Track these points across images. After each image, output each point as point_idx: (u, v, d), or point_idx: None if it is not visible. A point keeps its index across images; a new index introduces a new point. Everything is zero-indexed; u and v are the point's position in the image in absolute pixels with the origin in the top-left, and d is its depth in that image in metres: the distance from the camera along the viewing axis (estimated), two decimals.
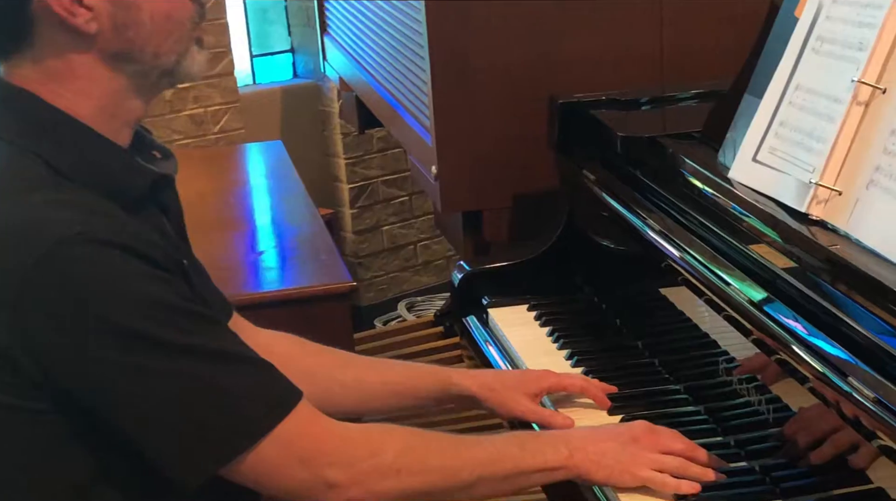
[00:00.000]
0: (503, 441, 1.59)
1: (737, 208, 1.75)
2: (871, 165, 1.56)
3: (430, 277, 5.09)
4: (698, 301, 1.94)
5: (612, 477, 1.57)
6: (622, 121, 2.21)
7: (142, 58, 1.46)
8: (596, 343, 2.07)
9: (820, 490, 1.54)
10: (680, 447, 1.61)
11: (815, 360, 1.43)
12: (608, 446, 1.58)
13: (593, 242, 2.30)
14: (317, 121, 4.85)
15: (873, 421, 1.32)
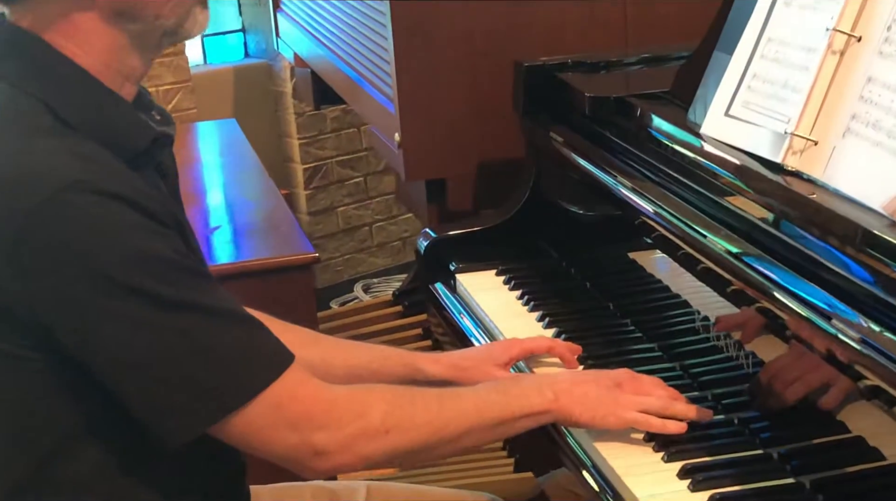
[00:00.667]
0: (487, 389, 1.59)
1: (711, 162, 1.75)
2: (848, 114, 1.56)
3: (385, 258, 5.06)
4: (668, 263, 1.95)
5: (596, 419, 1.58)
6: (589, 83, 2.20)
7: (143, 17, 1.44)
8: (567, 305, 2.06)
9: (799, 439, 1.53)
10: (662, 392, 1.62)
11: (799, 305, 1.43)
12: (592, 388, 1.59)
13: (560, 207, 2.28)
14: (269, 101, 4.81)
15: (861, 362, 1.31)
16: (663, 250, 1.87)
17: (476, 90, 2.51)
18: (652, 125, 1.95)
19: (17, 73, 1.41)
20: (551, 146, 2.19)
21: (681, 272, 1.89)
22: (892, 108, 1.49)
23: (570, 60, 2.30)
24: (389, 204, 5.00)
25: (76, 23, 1.41)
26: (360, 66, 2.88)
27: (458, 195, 2.59)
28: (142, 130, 1.46)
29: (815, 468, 1.47)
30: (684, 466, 1.51)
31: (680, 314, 1.87)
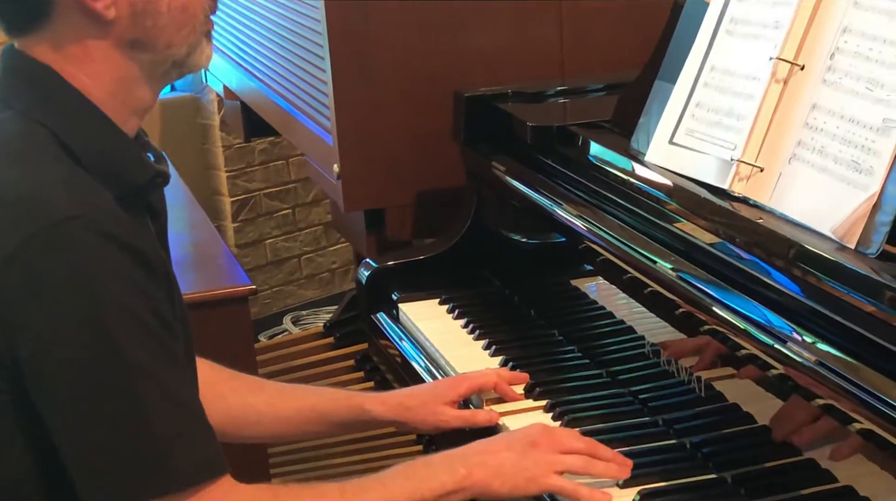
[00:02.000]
0: (392, 476, 1.52)
1: (657, 189, 1.77)
2: (793, 140, 1.59)
3: (314, 290, 5.03)
4: (611, 290, 1.96)
5: (517, 488, 1.52)
6: (530, 112, 2.22)
7: (155, 47, 1.44)
8: (513, 333, 2.07)
9: (752, 462, 1.55)
10: (580, 445, 1.57)
11: (749, 327, 1.45)
12: (506, 456, 1.53)
13: (501, 235, 2.29)
14: (196, 134, 4.77)
15: (819, 384, 1.33)
16: (609, 276, 1.89)
17: (415, 120, 2.51)
18: (595, 154, 1.97)
19: (28, 103, 1.41)
20: (493, 175, 2.20)
21: (623, 298, 1.91)
22: (837, 134, 1.52)
23: (510, 90, 2.32)
24: (318, 236, 4.98)
25: (89, 51, 1.41)
26: (296, 97, 2.87)
27: (396, 225, 2.59)
28: (142, 168, 1.45)
29: (770, 490, 1.49)
30: (640, 491, 1.52)
31: (626, 339, 1.88)
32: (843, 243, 1.45)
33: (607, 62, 2.50)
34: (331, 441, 2.92)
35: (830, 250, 1.43)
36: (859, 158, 1.47)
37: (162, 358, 1.36)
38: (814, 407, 1.40)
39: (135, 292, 1.34)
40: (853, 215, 1.45)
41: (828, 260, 1.42)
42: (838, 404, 1.31)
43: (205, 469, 1.38)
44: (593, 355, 1.93)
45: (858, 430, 1.30)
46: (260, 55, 3.23)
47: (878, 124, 1.46)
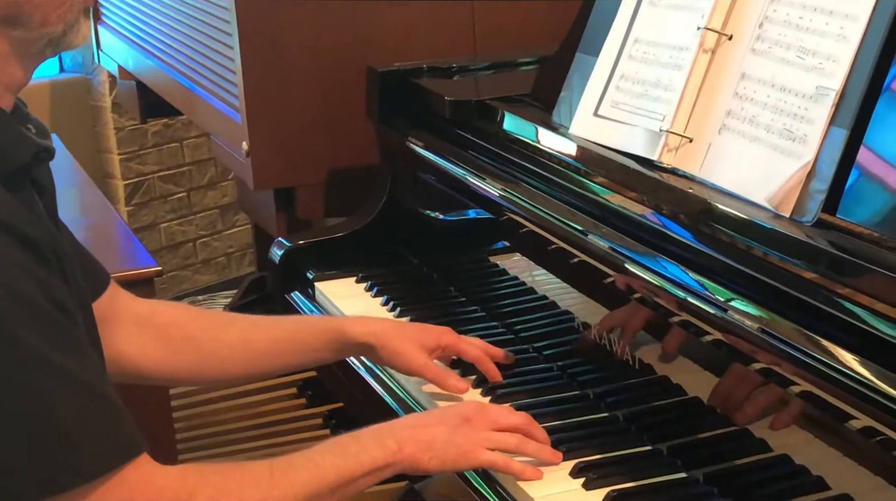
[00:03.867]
0: (322, 452, 1.48)
1: (581, 161, 1.76)
2: (722, 110, 1.59)
3: (210, 275, 4.94)
4: (534, 266, 1.95)
5: (447, 464, 1.49)
6: (448, 87, 2.19)
7: (29, 24, 1.34)
8: (435, 309, 2.04)
9: (686, 434, 1.54)
10: (514, 421, 1.55)
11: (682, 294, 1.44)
12: (438, 431, 1.50)
13: (418, 212, 2.27)
14: (87, 116, 4.65)
15: (758, 350, 1.33)
16: (536, 250, 1.87)
17: (326, 97, 2.47)
18: (516, 127, 1.95)
19: None
20: (409, 151, 2.16)
21: (546, 274, 1.90)
22: (768, 103, 1.52)
23: (426, 66, 2.29)
24: (214, 219, 4.90)
25: None
26: (200, 76, 2.80)
27: (308, 204, 2.54)
28: (23, 144, 1.36)
29: (706, 461, 1.48)
30: (577, 464, 1.51)
31: (550, 314, 1.87)
32: (778, 212, 1.45)
33: (520, 38, 2.48)
34: (236, 426, 2.87)
35: (766, 219, 1.43)
36: (792, 126, 1.47)
37: (61, 343, 1.29)
38: (750, 377, 1.40)
39: (24, 277, 1.25)
40: (787, 183, 1.45)
41: (764, 229, 1.42)
42: (780, 369, 1.31)
43: (118, 451, 1.31)
44: (518, 330, 1.91)
45: (798, 393, 1.30)
46: (161, 34, 3.15)
47: (810, 92, 1.46)
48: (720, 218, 1.49)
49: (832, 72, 1.44)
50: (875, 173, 1.37)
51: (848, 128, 1.40)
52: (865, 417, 1.20)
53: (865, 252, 1.31)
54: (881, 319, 1.23)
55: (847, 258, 1.31)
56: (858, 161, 1.39)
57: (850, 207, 1.38)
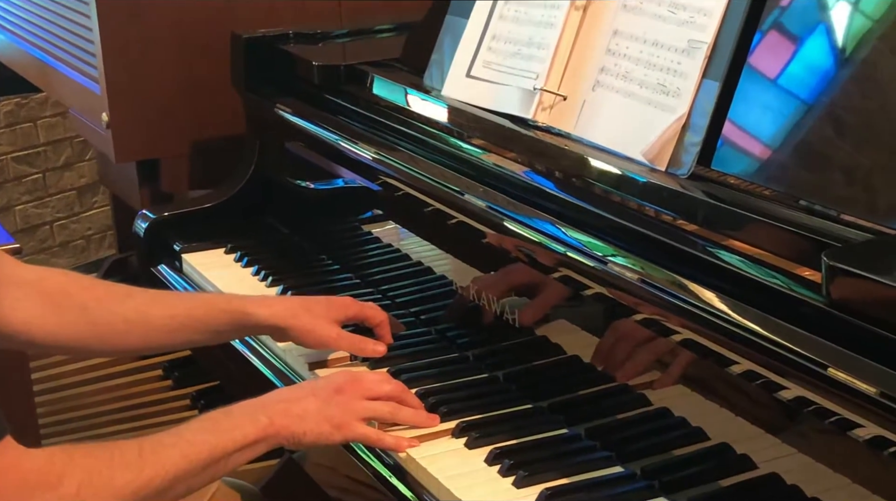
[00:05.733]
0: (193, 429, 1.44)
1: (455, 122, 1.75)
2: (596, 67, 1.59)
3: (69, 258, 4.80)
4: (405, 234, 1.94)
5: (322, 437, 1.47)
6: (316, 52, 2.16)
7: None
8: (308, 278, 2.01)
9: (566, 391, 1.54)
10: (388, 389, 1.54)
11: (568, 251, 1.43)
12: (310, 403, 1.48)
13: (286, 182, 2.23)
14: None
15: (642, 303, 1.33)
16: (412, 214, 1.85)
17: (189, 65, 2.41)
18: (387, 91, 1.93)
19: None
20: (278, 118, 2.12)
21: (418, 241, 1.88)
22: (641, 58, 1.52)
23: (292, 32, 2.24)
24: (71, 201, 4.75)
25: None
26: (56, 48, 2.71)
27: (172, 176, 2.49)
28: None
29: (587, 417, 1.48)
30: (459, 424, 1.49)
31: (426, 279, 1.86)
32: (653, 166, 1.45)
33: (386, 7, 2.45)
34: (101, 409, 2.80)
35: (642, 173, 1.44)
36: (666, 80, 1.48)
37: None
38: (631, 331, 1.40)
39: None
40: (662, 137, 1.46)
41: (640, 183, 1.43)
42: (660, 319, 1.32)
43: None
44: (394, 296, 1.89)
45: (678, 342, 1.31)
46: (11, 5, 3.04)
47: (683, 46, 1.47)
48: (596, 174, 1.49)
49: (704, 25, 1.45)
50: (746, 125, 1.38)
51: (720, 80, 1.42)
52: (746, 361, 1.21)
53: (740, 202, 1.32)
54: (757, 265, 1.24)
55: (723, 208, 1.33)
56: (730, 113, 1.40)
57: (724, 158, 1.40)
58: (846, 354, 1.05)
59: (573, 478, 1.36)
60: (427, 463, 1.42)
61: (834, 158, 1.26)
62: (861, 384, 1.02)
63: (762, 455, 1.29)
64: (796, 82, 1.35)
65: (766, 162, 1.35)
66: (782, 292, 1.19)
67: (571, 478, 1.36)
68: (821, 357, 1.07)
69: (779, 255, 1.24)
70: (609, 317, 1.44)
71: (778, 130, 1.34)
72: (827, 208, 1.24)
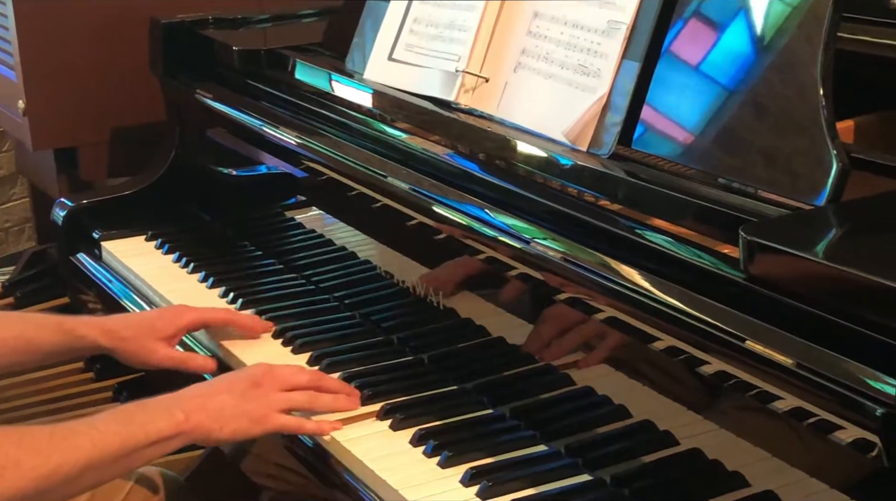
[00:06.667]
0: (107, 420, 1.42)
1: (378, 106, 1.74)
2: (517, 49, 1.59)
3: None
4: (328, 219, 1.93)
5: (238, 432, 1.46)
6: (236, 37, 2.14)
7: None
8: (230, 265, 1.99)
9: (491, 373, 1.54)
10: (305, 379, 1.53)
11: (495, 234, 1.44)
12: (226, 399, 1.46)
13: (208, 169, 2.21)
14: None
15: (562, 281, 1.34)
16: (332, 201, 1.85)
17: (107, 51, 2.38)
18: (309, 75, 1.92)
19: None
20: (198, 104, 2.10)
21: (341, 226, 1.88)
22: (562, 40, 1.53)
23: (212, 17, 2.23)
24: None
25: None
26: None
27: (91, 164, 2.45)
28: None
29: (510, 397, 1.49)
30: (384, 407, 1.49)
31: (351, 264, 1.85)
32: (575, 147, 1.46)
33: None
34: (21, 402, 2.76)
35: (564, 154, 1.44)
36: (586, 61, 1.49)
37: None
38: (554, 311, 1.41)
39: None
40: (583, 117, 1.46)
41: (562, 163, 1.43)
42: (585, 299, 1.32)
43: None
44: (318, 281, 1.89)
45: (602, 320, 1.32)
46: None
47: (603, 27, 1.48)
48: (519, 155, 1.49)
49: (623, 6, 1.46)
50: (665, 105, 1.39)
51: (640, 61, 1.42)
52: (668, 337, 1.22)
53: (660, 181, 1.33)
54: (679, 243, 1.25)
55: (644, 187, 1.33)
56: (650, 93, 1.41)
57: (644, 138, 1.41)
58: (764, 327, 1.06)
59: (498, 457, 1.36)
60: (351, 446, 1.41)
61: (751, 138, 1.27)
62: (778, 356, 1.03)
63: (684, 431, 1.31)
64: (714, 64, 1.36)
65: (684, 141, 1.36)
66: (703, 269, 1.20)
67: (496, 457, 1.36)
68: (739, 331, 1.08)
69: (700, 232, 1.25)
70: (533, 298, 1.44)
71: (696, 110, 1.35)
72: (745, 186, 1.25)
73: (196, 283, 1.93)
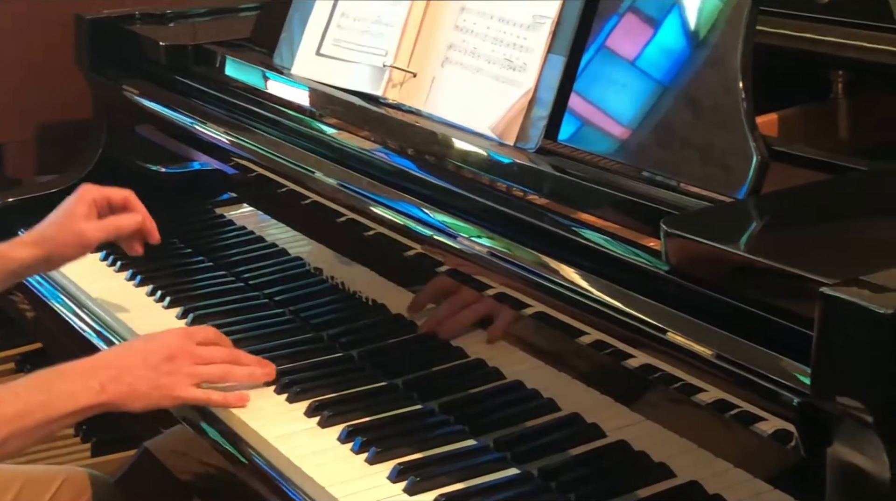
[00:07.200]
0: (28, 388, 1.46)
1: (306, 101, 1.74)
2: (444, 43, 1.59)
3: None
4: (259, 216, 1.92)
5: (152, 404, 1.50)
6: (163, 33, 2.12)
7: None
8: (159, 262, 1.96)
9: (420, 368, 1.54)
10: (219, 354, 1.55)
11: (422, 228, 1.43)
12: (142, 372, 1.50)
13: (136, 166, 2.18)
14: None
15: (492, 274, 1.34)
16: (264, 196, 1.83)
17: (32, 49, 2.35)
18: (237, 71, 1.91)
19: None
20: (126, 100, 2.08)
21: (272, 222, 1.87)
22: (488, 34, 1.53)
23: (138, 12, 2.21)
24: None
25: None
26: None
27: (16, 161, 2.42)
28: None
29: (442, 392, 1.49)
30: (312, 404, 1.48)
31: (281, 261, 1.84)
32: (502, 141, 1.46)
33: None
34: None
35: (491, 148, 1.45)
36: (512, 55, 1.49)
37: None
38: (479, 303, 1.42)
39: None
40: (510, 112, 1.46)
41: (488, 158, 1.43)
42: (511, 292, 1.33)
43: None
44: (248, 279, 1.87)
45: (533, 314, 1.32)
46: None
47: (528, 21, 1.48)
48: (447, 150, 1.49)
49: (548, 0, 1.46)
50: (590, 99, 1.40)
51: (565, 55, 1.43)
52: (595, 331, 1.22)
53: (586, 174, 1.34)
54: (605, 236, 1.25)
55: (569, 181, 1.34)
56: (576, 87, 1.41)
57: (570, 132, 1.41)
58: (684, 318, 1.07)
59: (426, 453, 1.36)
60: (279, 443, 1.41)
61: (673, 131, 1.28)
62: (698, 347, 1.04)
63: (612, 423, 1.32)
64: (637, 58, 1.36)
65: (609, 135, 1.36)
66: (628, 262, 1.20)
67: (425, 453, 1.36)
68: (660, 323, 1.09)
69: (625, 226, 1.26)
70: (461, 292, 1.44)
71: (620, 104, 1.35)
72: (668, 179, 1.25)
73: (124, 281, 1.92)
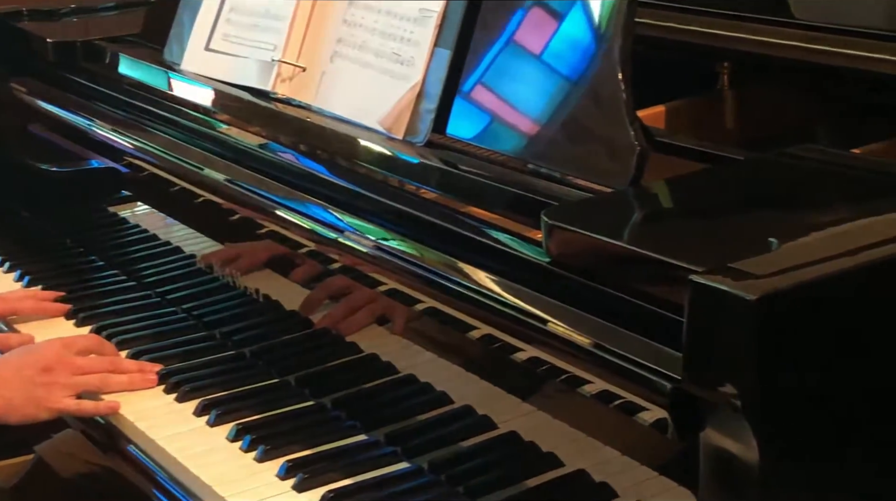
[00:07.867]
0: None
1: (195, 97, 1.72)
2: (333, 38, 1.58)
3: None
4: (152, 214, 1.90)
5: (28, 417, 1.51)
6: (51, 29, 2.08)
7: None
8: (49, 262, 1.95)
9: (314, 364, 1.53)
10: (97, 365, 1.55)
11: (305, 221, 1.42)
12: (17, 386, 1.50)
13: (26, 164, 2.15)
14: None
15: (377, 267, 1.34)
16: (155, 193, 1.81)
17: None
18: (126, 67, 1.88)
19: None
20: (14, 98, 2.05)
21: (164, 219, 1.85)
22: (377, 28, 1.52)
23: (25, 9, 2.17)
24: None
25: None
26: None
27: None
28: None
29: (334, 388, 1.48)
30: (201, 403, 1.47)
31: (174, 259, 1.82)
32: (390, 135, 1.46)
33: None
34: None
35: (380, 142, 1.44)
36: (400, 49, 1.48)
37: None
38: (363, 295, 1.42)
39: None
40: (398, 105, 1.46)
41: (377, 151, 1.43)
42: (402, 286, 1.32)
43: None
44: (141, 277, 1.85)
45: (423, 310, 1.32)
46: None
47: (415, 15, 1.47)
48: (336, 145, 1.48)
49: None
50: (477, 92, 1.40)
51: (451, 48, 1.42)
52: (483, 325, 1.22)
53: (473, 168, 1.33)
54: (492, 229, 1.25)
55: (457, 174, 1.34)
56: (462, 81, 1.41)
57: (457, 125, 1.41)
58: (564, 308, 1.07)
59: (317, 449, 1.36)
60: (167, 444, 1.39)
61: (556, 123, 1.28)
62: (577, 337, 1.04)
63: (503, 414, 1.32)
64: (521, 51, 1.36)
65: (495, 128, 1.36)
66: (513, 254, 1.20)
67: (315, 449, 1.36)
68: (542, 313, 1.09)
69: (511, 218, 1.25)
70: (350, 285, 1.43)
71: (505, 97, 1.36)
72: (552, 171, 1.26)
73: (12, 282, 1.89)
